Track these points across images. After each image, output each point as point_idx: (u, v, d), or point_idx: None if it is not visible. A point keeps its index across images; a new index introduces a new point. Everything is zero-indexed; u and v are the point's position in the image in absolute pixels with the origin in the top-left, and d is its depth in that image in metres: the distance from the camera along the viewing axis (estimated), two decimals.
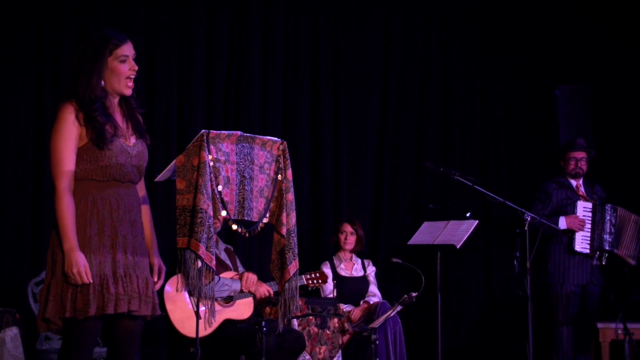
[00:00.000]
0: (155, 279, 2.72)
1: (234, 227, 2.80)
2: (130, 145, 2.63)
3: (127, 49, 2.61)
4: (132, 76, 2.62)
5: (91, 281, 2.49)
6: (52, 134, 2.56)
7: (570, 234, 4.81)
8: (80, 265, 2.47)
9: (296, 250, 2.84)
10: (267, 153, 2.87)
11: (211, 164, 2.72)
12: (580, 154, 4.93)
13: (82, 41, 2.73)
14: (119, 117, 2.65)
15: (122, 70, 2.60)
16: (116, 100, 2.65)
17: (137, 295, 2.57)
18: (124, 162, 2.60)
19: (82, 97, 2.55)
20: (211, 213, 2.68)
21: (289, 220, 2.84)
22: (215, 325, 3.80)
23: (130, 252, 2.60)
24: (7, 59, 4.52)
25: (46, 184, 4.50)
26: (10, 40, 4.53)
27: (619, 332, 4.48)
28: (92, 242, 2.54)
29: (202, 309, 2.82)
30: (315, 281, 4.34)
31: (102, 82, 2.57)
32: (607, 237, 4.82)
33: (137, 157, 2.65)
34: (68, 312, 2.49)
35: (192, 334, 3.27)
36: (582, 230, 4.79)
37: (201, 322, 2.94)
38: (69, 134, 2.54)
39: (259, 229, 2.83)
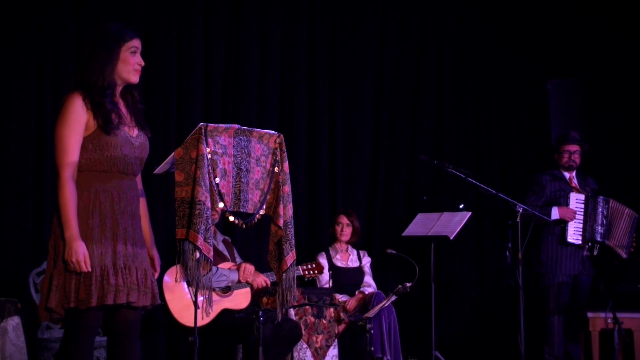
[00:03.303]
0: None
1: (231, 218, 2.84)
2: (133, 136, 2.67)
3: (137, 43, 2.69)
4: (138, 69, 2.70)
5: (90, 270, 2.52)
6: (57, 122, 2.58)
7: (562, 224, 4.88)
8: (80, 253, 2.50)
9: (293, 242, 2.89)
10: (263, 146, 2.91)
11: (209, 156, 2.76)
12: (574, 147, 4.99)
13: (93, 29, 2.73)
14: (122, 108, 2.69)
15: (132, 61, 2.66)
16: (120, 90, 2.70)
17: (136, 287, 2.60)
18: (127, 153, 2.63)
19: (94, 84, 2.59)
20: (209, 205, 2.72)
21: (286, 212, 2.89)
22: (213, 314, 3.83)
23: (130, 244, 2.63)
24: (8, 57, 4.54)
25: (47, 175, 4.54)
26: (11, 39, 4.54)
27: (609, 321, 4.52)
28: (94, 233, 2.56)
29: (200, 298, 2.85)
30: (311, 272, 4.38)
31: (114, 72, 2.64)
32: (598, 228, 4.88)
33: (140, 149, 2.68)
34: (72, 302, 2.52)
35: (191, 323, 3.32)
36: (574, 219, 4.86)
37: (199, 311, 2.97)
38: (76, 123, 2.56)
39: (256, 220, 2.87)
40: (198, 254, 2.71)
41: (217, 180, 2.79)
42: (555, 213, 4.84)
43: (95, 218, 2.58)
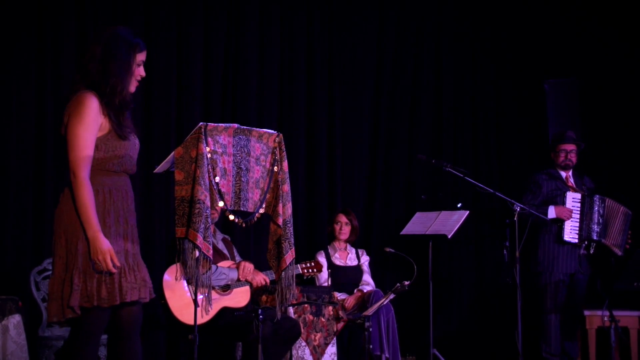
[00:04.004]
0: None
1: (231, 217, 2.87)
2: (133, 137, 2.75)
3: (144, 56, 2.75)
4: (139, 79, 2.76)
5: (118, 265, 2.57)
6: (73, 120, 2.60)
7: (559, 223, 4.90)
8: (105, 252, 2.55)
9: (292, 240, 2.92)
10: (263, 145, 2.94)
11: (209, 155, 2.79)
12: (570, 147, 5.02)
13: (106, 32, 2.73)
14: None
15: (136, 72, 2.73)
16: None
17: (144, 284, 2.67)
18: (132, 154, 2.72)
19: (119, 92, 2.64)
20: (209, 204, 2.75)
21: (285, 210, 2.91)
22: (212, 313, 3.86)
23: (135, 242, 2.71)
24: (9, 58, 4.56)
25: (47, 174, 4.56)
26: (11, 40, 4.56)
27: (605, 319, 4.54)
28: (111, 232, 2.62)
29: (200, 297, 2.88)
30: (310, 270, 4.41)
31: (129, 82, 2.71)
32: (595, 227, 4.92)
33: (137, 149, 2.77)
34: (95, 301, 2.56)
35: (191, 321, 3.34)
36: (571, 218, 4.89)
37: (199, 309, 3.00)
38: (92, 123, 2.60)
39: (255, 219, 2.90)
40: (197, 253, 2.74)
41: (217, 179, 2.82)
42: (551, 212, 4.87)
43: (111, 216, 2.64)
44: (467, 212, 5.06)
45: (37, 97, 4.63)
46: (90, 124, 2.59)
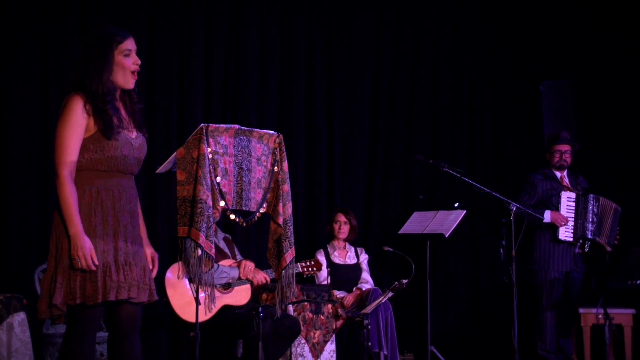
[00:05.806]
0: (150, 267, 2.80)
1: (232, 216, 2.89)
2: (132, 137, 2.72)
3: (130, 44, 2.71)
4: (136, 70, 2.72)
5: (97, 263, 2.57)
6: (59, 123, 2.62)
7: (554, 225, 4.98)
8: (86, 248, 2.55)
9: (292, 239, 2.94)
10: (263, 146, 2.97)
11: (210, 156, 2.80)
12: (565, 147, 5.08)
13: (86, 36, 2.78)
14: (122, 111, 2.74)
15: (127, 64, 2.69)
16: (118, 93, 2.74)
17: (136, 283, 2.65)
18: (127, 153, 2.69)
19: (95, 91, 2.63)
20: (210, 203, 2.77)
21: (285, 210, 2.94)
22: (214, 311, 3.90)
23: (130, 242, 2.69)
24: (13, 58, 4.61)
25: (51, 173, 4.58)
26: (16, 41, 4.60)
27: (600, 317, 4.59)
28: (97, 231, 2.62)
29: (201, 295, 2.92)
30: (310, 269, 4.44)
31: (111, 77, 2.67)
32: (589, 225, 4.97)
33: (139, 150, 2.74)
34: (78, 298, 2.57)
35: (192, 319, 3.37)
36: (565, 226, 4.95)
37: (201, 307, 3.05)
38: (76, 124, 2.61)
39: (256, 218, 2.92)
40: (200, 251, 2.75)
41: (218, 179, 2.84)
42: (547, 216, 4.93)
43: (97, 215, 2.63)
44: (464, 211, 5.10)
45: (41, 97, 4.67)
46: (74, 126, 2.60)
